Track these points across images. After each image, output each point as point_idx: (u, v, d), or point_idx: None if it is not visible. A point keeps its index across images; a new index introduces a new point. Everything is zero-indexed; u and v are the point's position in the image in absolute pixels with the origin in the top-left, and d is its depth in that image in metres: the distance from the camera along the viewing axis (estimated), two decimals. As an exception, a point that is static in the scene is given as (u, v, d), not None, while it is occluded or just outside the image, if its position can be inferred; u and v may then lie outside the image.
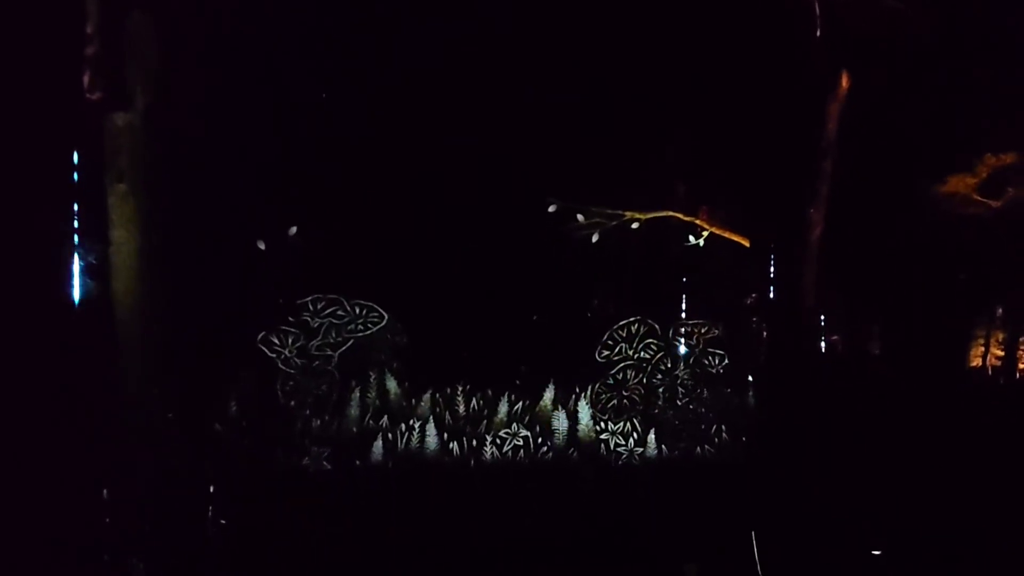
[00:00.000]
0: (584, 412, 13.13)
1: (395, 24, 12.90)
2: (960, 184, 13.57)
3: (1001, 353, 15.13)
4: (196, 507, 10.01)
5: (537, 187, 13.33)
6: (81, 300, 11.47)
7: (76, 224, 11.28)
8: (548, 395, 13.12)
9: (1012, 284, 14.97)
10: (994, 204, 13.65)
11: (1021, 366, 15.10)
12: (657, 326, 13.39)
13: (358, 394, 12.65)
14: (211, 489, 10.03)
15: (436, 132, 13.12)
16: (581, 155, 13.26)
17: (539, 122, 13.05)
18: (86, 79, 10.22)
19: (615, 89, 13.15)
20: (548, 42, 12.95)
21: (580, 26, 12.91)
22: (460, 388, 13.07)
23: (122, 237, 9.96)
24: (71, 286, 11.51)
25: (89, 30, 10.12)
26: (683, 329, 13.46)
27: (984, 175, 13.56)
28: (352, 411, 12.60)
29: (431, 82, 13.04)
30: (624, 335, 13.40)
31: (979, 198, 13.58)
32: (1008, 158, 13.56)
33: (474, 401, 13.08)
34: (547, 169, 13.32)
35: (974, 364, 15.02)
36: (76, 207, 11.21)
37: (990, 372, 15.15)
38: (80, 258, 11.31)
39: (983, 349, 15.03)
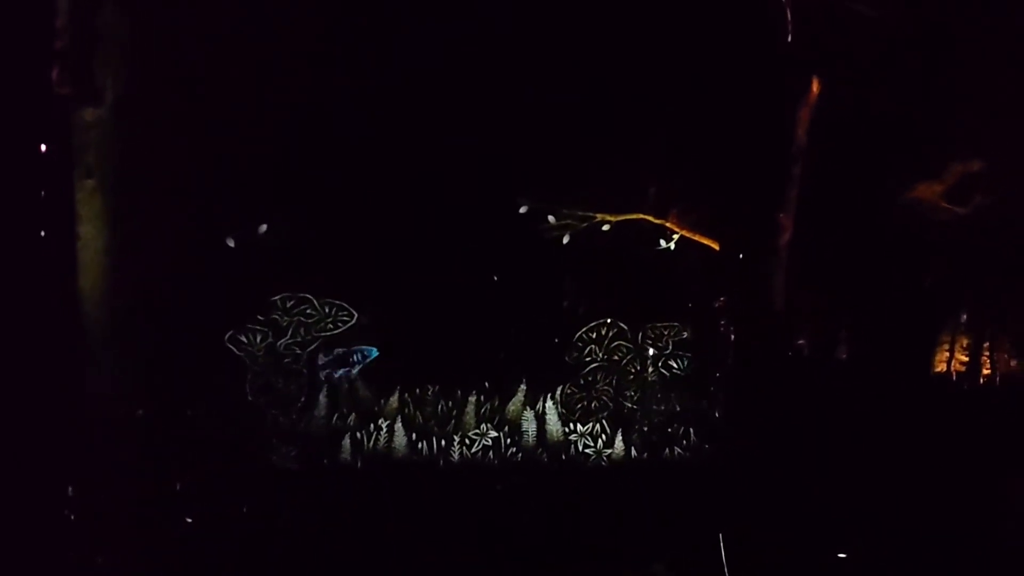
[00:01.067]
0: (553, 413, 13.15)
1: (364, 23, 12.85)
2: (928, 191, 13.69)
3: (966, 359, 15.24)
4: (164, 505, 9.95)
5: (508, 188, 13.34)
6: (47, 296, 11.35)
7: (43, 219, 11.16)
8: (517, 396, 13.13)
9: (977, 291, 15.10)
10: (961, 211, 13.77)
11: (985, 372, 15.24)
12: (627, 328, 13.42)
13: (326, 393, 12.61)
14: (177, 487, 9.98)
15: (405, 131, 13.07)
16: (552, 156, 13.25)
17: (510, 123, 13.03)
18: (55, 74, 10.13)
19: (587, 91, 13.16)
20: (520, 44, 12.95)
21: (552, 29, 12.91)
22: (429, 388, 13.05)
23: (90, 233, 9.89)
24: (38, 282, 11.39)
25: (59, 24, 10.04)
26: (652, 331, 13.50)
27: (951, 182, 13.68)
28: (320, 410, 12.56)
29: (401, 80, 13.00)
30: (594, 337, 13.42)
31: (946, 205, 13.69)
32: (975, 165, 13.69)
33: (442, 402, 13.06)
34: (518, 170, 13.32)
35: (939, 369, 15.12)
36: (43, 202, 11.09)
37: (954, 377, 15.26)
38: (47, 254, 11.18)
39: (948, 354, 15.13)
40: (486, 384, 13.12)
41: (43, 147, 10.75)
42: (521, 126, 13.03)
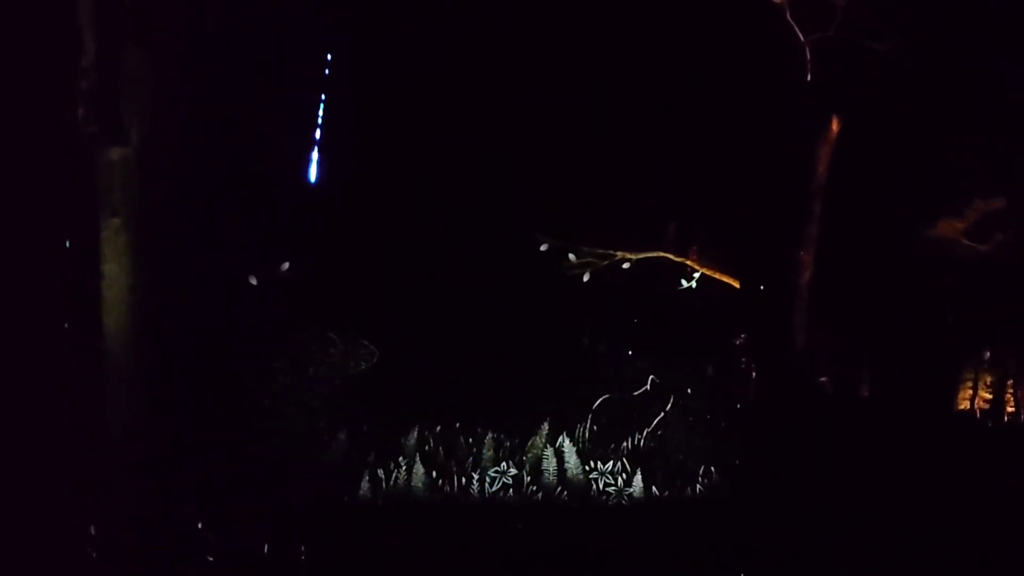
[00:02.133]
0: (573, 451, 13.10)
1: (388, 59, 12.99)
2: (949, 228, 13.67)
3: (989, 396, 15.18)
4: (185, 543, 9.94)
5: (529, 226, 13.39)
6: (72, 334, 11.42)
7: (68, 258, 11.26)
8: (537, 433, 13.10)
9: (1000, 327, 15.03)
10: (982, 248, 13.74)
11: (1009, 409, 15.15)
12: (647, 366, 13.40)
13: (347, 430, 12.62)
14: (199, 526, 9.97)
15: (429, 170, 13.19)
16: (573, 195, 13.33)
17: (532, 162, 13.12)
18: (80, 113, 10.23)
19: (608, 130, 13.25)
20: (546, 85, 13.07)
21: (579, 71, 13.02)
22: (449, 425, 13.04)
23: (114, 271, 9.91)
24: (62, 319, 11.47)
25: (84, 64, 10.14)
26: (673, 369, 13.47)
27: (972, 219, 13.66)
28: (341, 447, 12.56)
29: (426, 120, 13.12)
30: (613, 374, 13.41)
31: (967, 242, 13.66)
32: (996, 203, 13.67)
33: (462, 438, 13.04)
34: (539, 208, 13.38)
35: (962, 407, 15.04)
36: (68, 241, 11.20)
37: (978, 415, 15.18)
38: (72, 292, 11.27)
39: (971, 392, 15.06)
40: (506, 422, 13.10)
41: (69, 186, 10.86)
42: (542, 165, 13.12)
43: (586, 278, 13.63)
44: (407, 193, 13.09)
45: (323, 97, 12.73)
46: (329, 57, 12.71)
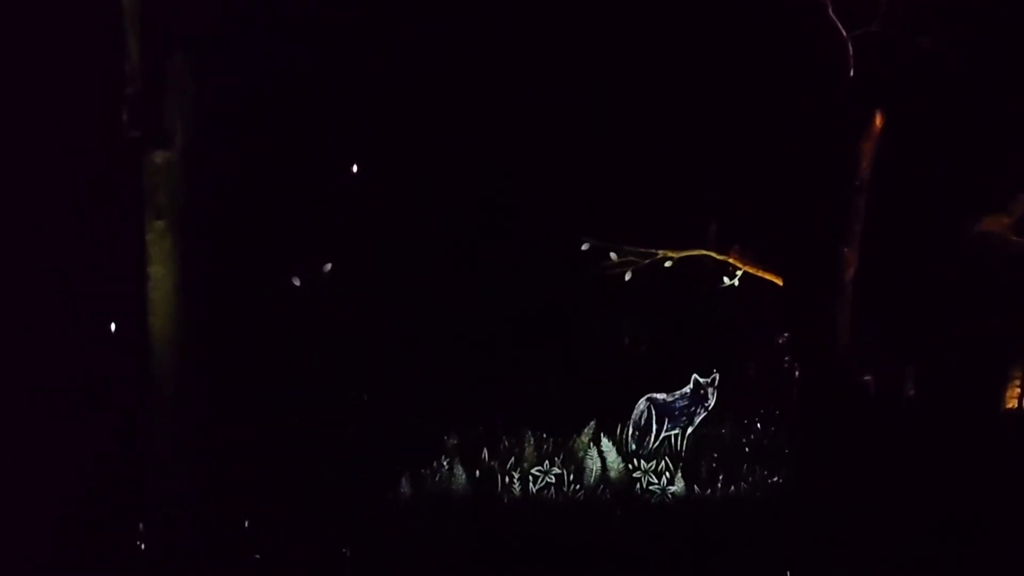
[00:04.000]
0: (614, 450, 13.08)
1: (428, 58, 13.03)
2: (995, 223, 13.47)
3: (1037, 395, 14.93)
4: (231, 542, 10.06)
5: (571, 224, 13.38)
6: (117, 338, 11.57)
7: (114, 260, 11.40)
8: (580, 433, 13.09)
9: (1049, 324, 14.82)
10: (1030, 243, 13.54)
11: (1058, 408, 14.90)
12: (689, 365, 13.35)
13: (388, 430, 12.67)
14: (246, 524, 10.08)
15: (469, 169, 13.22)
16: (614, 193, 13.31)
17: (573, 161, 13.12)
18: (125, 118, 10.36)
19: (649, 127, 13.21)
20: (582, 83, 13.06)
21: (618, 67, 13.00)
22: (491, 425, 13.06)
23: (160, 273, 10.05)
24: (108, 322, 11.63)
25: (128, 70, 10.27)
26: (715, 368, 13.41)
27: (1019, 214, 13.47)
28: (382, 447, 12.61)
29: (464, 121, 13.15)
30: (655, 374, 13.38)
31: (1014, 237, 13.47)
32: (1044, 198, 13.48)
33: (504, 438, 13.06)
34: (579, 207, 13.37)
35: (1010, 406, 14.81)
36: (114, 243, 11.34)
37: (1026, 414, 14.95)
38: (118, 294, 11.42)
39: (1019, 391, 14.82)
40: (548, 421, 13.10)
41: (115, 190, 11.00)
42: (583, 163, 13.11)
43: (628, 277, 13.60)
44: (449, 192, 13.12)
45: (362, 97, 12.75)
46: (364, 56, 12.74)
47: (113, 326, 11.59)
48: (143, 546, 9.84)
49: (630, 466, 13.05)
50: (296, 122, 12.33)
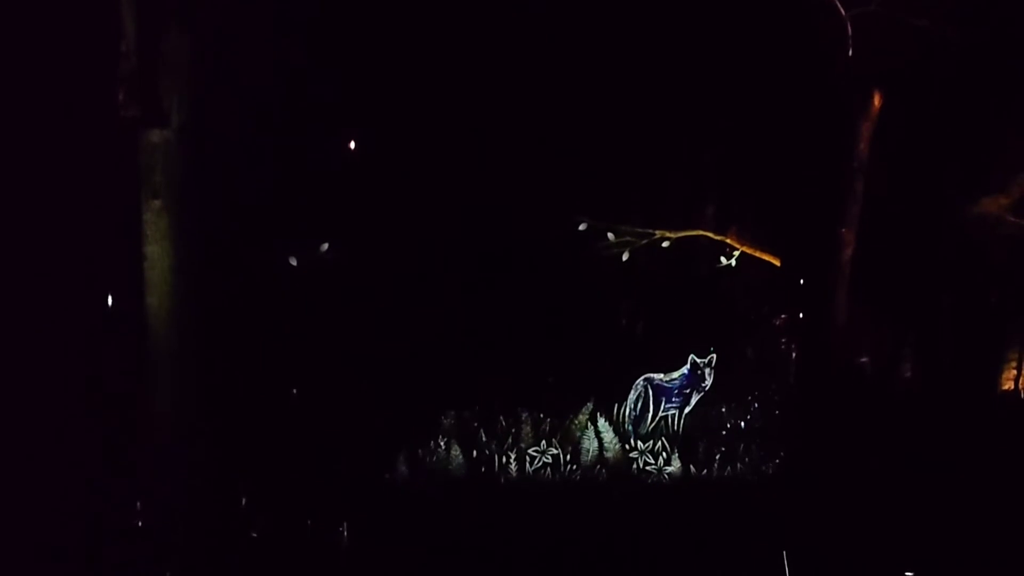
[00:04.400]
0: (611, 431, 13.11)
1: (425, 37, 12.97)
2: (993, 205, 13.46)
3: (1033, 376, 14.97)
4: (228, 521, 10.06)
5: (568, 205, 13.37)
6: (114, 316, 11.55)
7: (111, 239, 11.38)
8: (576, 413, 13.11)
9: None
10: (1028, 224, 13.53)
11: (1054, 389, 14.95)
12: (686, 345, 13.37)
13: (385, 410, 12.67)
14: (243, 503, 10.08)
15: (465, 150, 13.18)
16: (611, 173, 13.29)
17: (570, 140, 13.09)
18: (121, 96, 10.30)
19: (646, 108, 13.17)
20: (580, 63, 13.01)
21: (614, 49, 12.95)
22: (487, 405, 13.08)
23: (156, 253, 10.00)
24: (104, 301, 11.60)
25: (124, 48, 10.20)
26: (713, 348, 13.43)
27: (1017, 195, 13.45)
28: (379, 427, 12.63)
29: (460, 100, 13.11)
30: (652, 354, 13.40)
31: (1012, 219, 13.46)
32: (1043, 179, 13.47)
33: (502, 419, 13.08)
34: (577, 187, 13.35)
35: (1006, 387, 14.85)
36: (111, 223, 11.31)
37: (1022, 395, 14.99)
38: (114, 274, 11.40)
39: (1015, 372, 14.85)
40: (545, 402, 13.13)
41: (111, 169, 10.95)
42: (580, 143, 13.08)
43: (625, 257, 13.60)
44: (447, 173, 13.09)
45: (359, 76, 12.71)
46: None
47: (110, 303, 11.58)
48: (140, 524, 9.84)
49: (627, 446, 13.10)
50: (294, 100, 12.28)
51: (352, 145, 12.90)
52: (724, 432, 13.34)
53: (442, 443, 12.77)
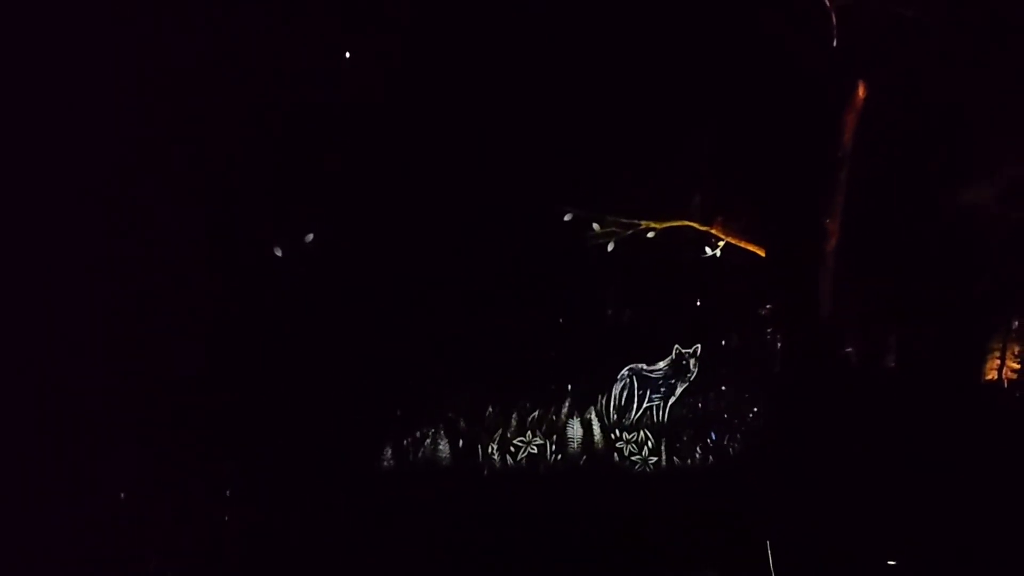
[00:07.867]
0: (597, 421, 13.13)
1: (403, 27, 12.95)
2: (978, 195, 13.50)
3: (1017, 366, 14.99)
4: (213, 509, 10.08)
5: (553, 195, 13.36)
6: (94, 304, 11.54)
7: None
8: (562, 403, 13.13)
9: (1029, 297, 14.88)
10: (1013, 215, 13.57)
11: (1037, 379, 15.00)
12: (671, 335, 13.39)
13: (372, 399, 12.68)
14: (227, 493, 10.08)
15: (449, 140, 13.16)
16: (596, 164, 13.28)
17: (554, 130, 13.07)
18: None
19: (631, 98, 13.16)
20: (565, 51, 12.99)
21: (598, 36, 12.94)
22: (474, 395, 13.09)
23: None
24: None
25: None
26: (697, 338, 13.45)
27: (1003, 186, 13.49)
28: (365, 416, 12.63)
29: (445, 89, 13.09)
30: (637, 344, 13.42)
31: (996, 210, 13.50)
32: (1026, 170, 13.50)
33: (489, 408, 13.10)
34: (562, 177, 13.34)
35: (990, 377, 14.89)
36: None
37: (1006, 385, 15.03)
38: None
39: (999, 362, 14.90)
40: (531, 392, 13.14)
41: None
42: (565, 134, 13.06)
43: (610, 248, 13.61)
44: (433, 163, 13.07)
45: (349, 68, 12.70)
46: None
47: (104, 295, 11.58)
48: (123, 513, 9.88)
49: (612, 436, 13.11)
50: (273, 89, 12.26)
51: (339, 135, 12.88)
52: (708, 422, 13.37)
53: (428, 433, 12.77)
